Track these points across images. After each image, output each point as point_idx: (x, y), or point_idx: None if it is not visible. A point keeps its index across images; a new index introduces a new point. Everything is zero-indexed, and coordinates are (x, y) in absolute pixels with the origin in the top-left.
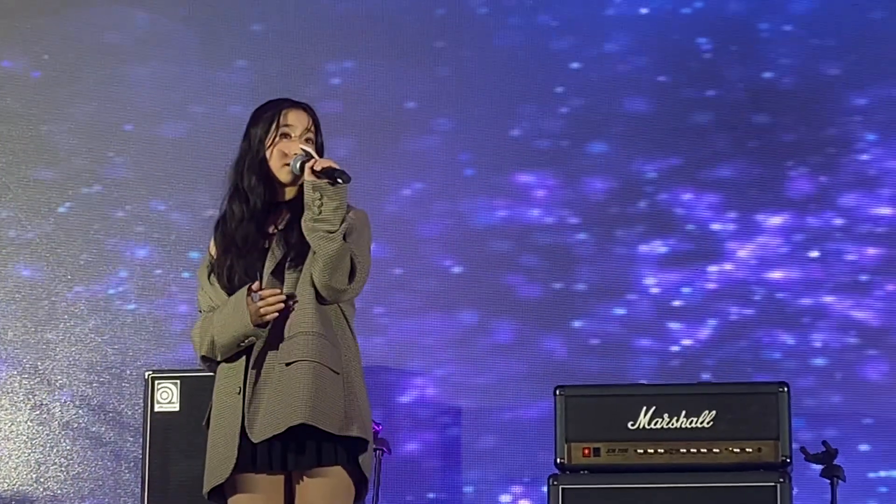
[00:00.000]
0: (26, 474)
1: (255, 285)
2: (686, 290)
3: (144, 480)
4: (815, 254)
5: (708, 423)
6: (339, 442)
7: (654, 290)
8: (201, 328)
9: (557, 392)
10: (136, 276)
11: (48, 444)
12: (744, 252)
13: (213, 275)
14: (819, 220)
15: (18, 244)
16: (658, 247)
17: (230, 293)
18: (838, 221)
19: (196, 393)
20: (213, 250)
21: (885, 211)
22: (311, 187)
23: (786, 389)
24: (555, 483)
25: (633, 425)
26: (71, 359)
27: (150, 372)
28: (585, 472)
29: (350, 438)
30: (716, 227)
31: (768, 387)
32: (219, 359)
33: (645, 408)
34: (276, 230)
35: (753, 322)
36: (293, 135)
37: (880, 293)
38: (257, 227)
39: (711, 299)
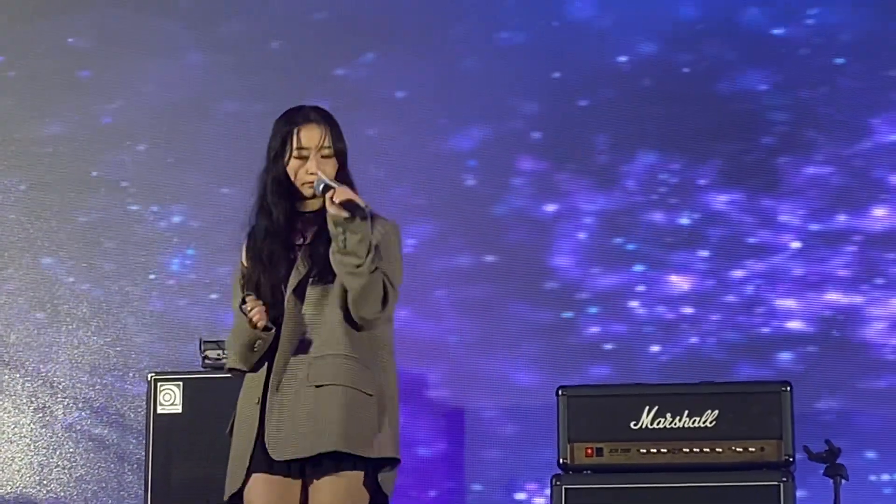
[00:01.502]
0: (29, 477)
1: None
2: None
3: (147, 482)
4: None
5: (711, 422)
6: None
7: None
8: (228, 338)
9: (560, 392)
10: (138, 278)
11: (51, 447)
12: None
13: (242, 285)
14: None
15: (21, 247)
16: None
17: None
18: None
19: (199, 395)
20: (243, 259)
21: None
22: (332, 221)
23: (788, 389)
24: (557, 483)
25: (635, 425)
26: (73, 361)
27: (153, 374)
28: (588, 472)
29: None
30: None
31: (771, 386)
32: (245, 368)
33: (647, 407)
34: (302, 242)
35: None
36: (308, 156)
37: None
38: (283, 241)
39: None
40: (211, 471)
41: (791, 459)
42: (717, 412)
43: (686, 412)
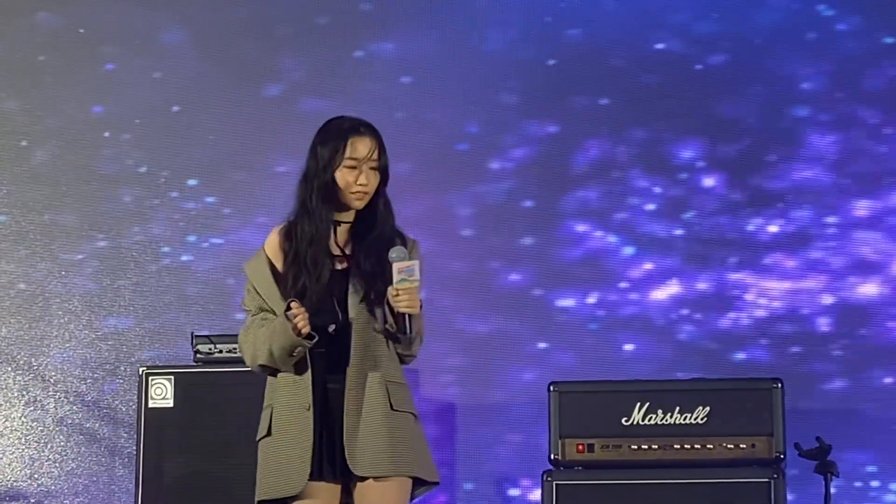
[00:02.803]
0: (20, 470)
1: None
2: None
3: (138, 476)
4: None
5: (702, 419)
6: None
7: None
8: (253, 336)
9: (551, 388)
10: (129, 272)
11: (42, 441)
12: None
13: (276, 282)
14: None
15: (13, 240)
16: None
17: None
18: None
19: (190, 389)
20: (273, 255)
21: None
22: (387, 311)
23: (780, 385)
24: (549, 479)
25: (627, 421)
26: (65, 355)
27: (145, 368)
28: (579, 468)
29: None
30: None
31: (762, 383)
32: (282, 368)
33: (639, 404)
34: (342, 254)
35: None
36: (357, 166)
37: None
38: (324, 248)
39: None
40: (202, 465)
41: (782, 456)
42: (708, 409)
43: (677, 408)
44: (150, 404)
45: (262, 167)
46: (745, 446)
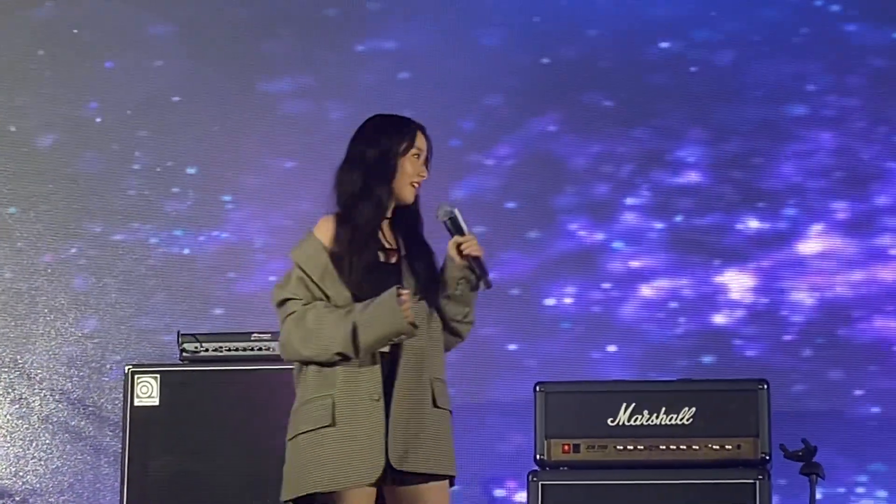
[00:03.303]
0: (5, 468)
1: (405, 292)
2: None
3: (124, 475)
4: None
5: (688, 419)
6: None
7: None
8: (325, 323)
9: (538, 388)
10: (116, 270)
11: (27, 438)
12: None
13: (334, 270)
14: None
15: None
16: None
17: (358, 296)
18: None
19: (176, 388)
20: (327, 243)
21: None
22: (456, 268)
23: (765, 387)
24: (534, 479)
25: (612, 422)
26: (51, 353)
27: (131, 366)
28: (565, 468)
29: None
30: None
31: (748, 384)
32: (359, 358)
33: (625, 404)
34: (388, 244)
35: None
36: (420, 158)
37: None
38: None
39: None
40: (188, 464)
41: (767, 457)
42: (693, 409)
43: (663, 409)
44: (136, 403)
45: (256, 163)
46: (730, 447)
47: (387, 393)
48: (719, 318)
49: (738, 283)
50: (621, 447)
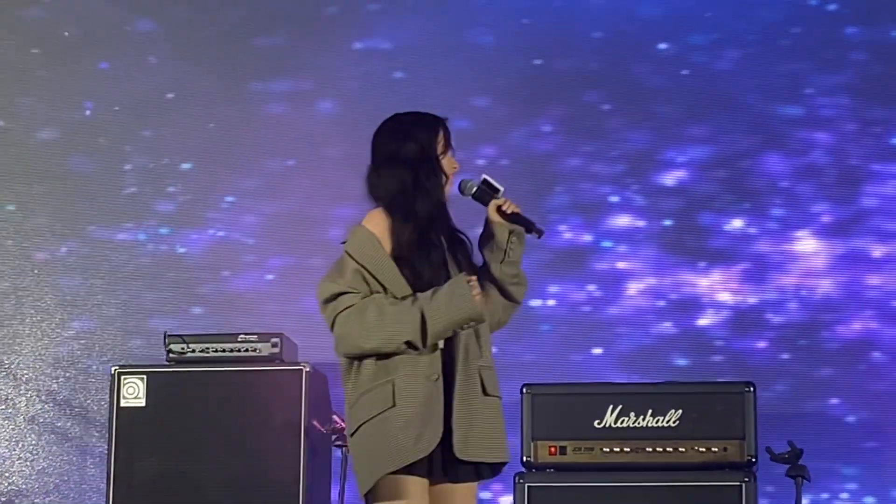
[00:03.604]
0: None
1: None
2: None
3: (110, 476)
4: None
5: (674, 422)
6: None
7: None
8: (378, 317)
9: (524, 390)
10: (102, 270)
11: (13, 439)
12: None
13: (391, 263)
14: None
15: None
16: None
17: (415, 287)
18: None
19: (162, 388)
20: (382, 237)
21: None
22: (505, 229)
23: (752, 389)
24: (521, 481)
25: (599, 424)
26: (37, 353)
27: (117, 367)
28: (552, 470)
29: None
30: None
31: (734, 386)
32: (425, 346)
33: (611, 406)
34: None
35: None
36: (450, 152)
37: None
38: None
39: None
40: (173, 464)
41: (754, 460)
42: (680, 412)
43: (650, 411)
44: (122, 403)
45: (245, 161)
46: (716, 450)
47: (445, 381)
48: (705, 320)
49: (724, 284)
50: (608, 449)
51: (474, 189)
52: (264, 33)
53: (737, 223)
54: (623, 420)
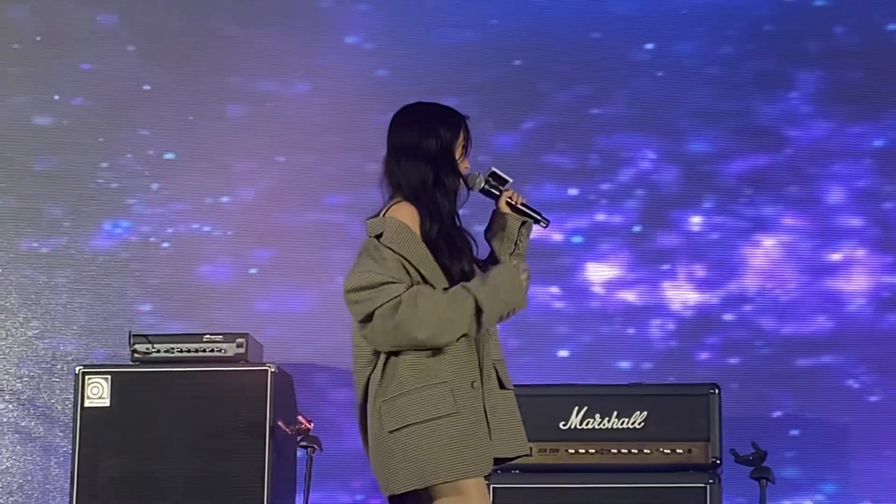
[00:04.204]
0: None
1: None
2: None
3: (74, 476)
4: None
5: (639, 423)
6: None
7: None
8: (431, 306)
9: None
10: (67, 269)
11: None
12: None
13: (429, 254)
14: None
15: None
16: None
17: (449, 279)
18: None
19: (127, 388)
20: (414, 228)
21: None
22: (517, 221)
23: (717, 391)
24: (486, 482)
25: (564, 425)
26: (1, 352)
27: (81, 367)
28: (517, 471)
29: None
30: None
31: (699, 388)
32: (476, 334)
33: (577, 408)
34: None
35: None
36: (465, 151)
37: None
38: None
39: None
40: (138, 465)
41: (718, 462)
42: (645, 413)
43: (615, 413)
44: (87, 403)
45: (214, 160)
46: (681, 451)
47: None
48: (671, 322)
49: (681, 284)
50: (573, 451)
51: (483, 183)
52: (248, 25)
53: (702, 223)
54: (588, 421)
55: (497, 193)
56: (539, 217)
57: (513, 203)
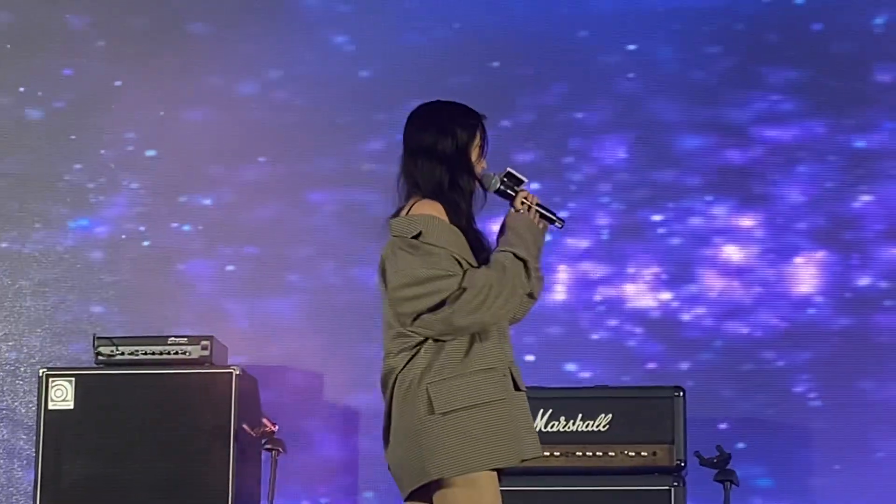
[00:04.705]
0: None
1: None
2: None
3: (37, 479)
4: None
5: (604, 426)
6: None
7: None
8: (498, 282)
9: None
10: (31, 272)
11: None
12: None
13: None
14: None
15: None
16: None
17: None
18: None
19: (91, 391)
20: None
21: None
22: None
23: (681, 394)
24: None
25: None
26: None
27: (45, 369)
28: None
29: None
30: None
31: (664, 391)
32: (531, 289)
33: (542, 410)
34: None
35: None
36: (482, 152)
37: None
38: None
39: None
40: (102, 468)
41: (683, 464)
42: (610, 416)
43: (580, 416)
44: (51, 406)
45: (189, 160)
46: (646, 454)
47: None
48: (639, 325)
49: (655, 286)
50: None
51: (498, 184)
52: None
53: (665, 223)
54: (553, 424)
55: (512, 194)
56: (554, 217)
57: (528, 204)
